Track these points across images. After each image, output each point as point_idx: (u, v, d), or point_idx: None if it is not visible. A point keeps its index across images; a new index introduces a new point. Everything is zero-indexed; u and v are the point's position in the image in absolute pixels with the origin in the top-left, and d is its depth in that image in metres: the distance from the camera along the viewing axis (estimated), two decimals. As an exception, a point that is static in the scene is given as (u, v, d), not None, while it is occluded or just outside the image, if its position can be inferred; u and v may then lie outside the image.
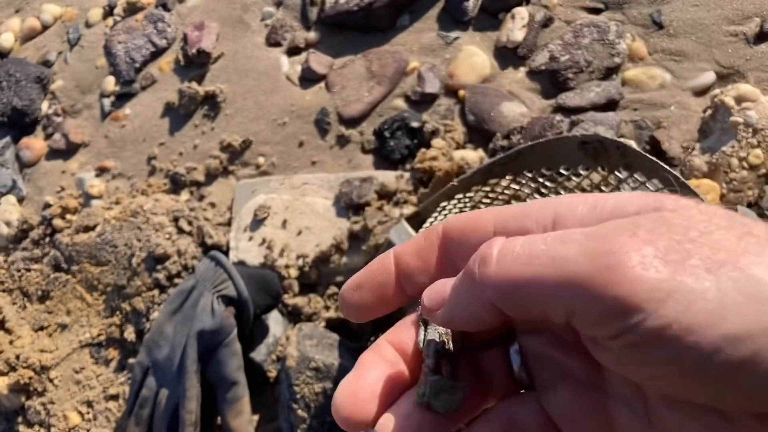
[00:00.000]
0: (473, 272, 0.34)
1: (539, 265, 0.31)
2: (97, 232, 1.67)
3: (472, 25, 1.64)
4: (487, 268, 0.33)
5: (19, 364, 1.61)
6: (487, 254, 0.33)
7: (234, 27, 1.88)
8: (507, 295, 0.32)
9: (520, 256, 0.32)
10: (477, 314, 0.35)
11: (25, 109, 1.98)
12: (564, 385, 0.36)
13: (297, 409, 1.27)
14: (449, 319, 0.36)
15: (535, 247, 0.32)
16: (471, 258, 0.35)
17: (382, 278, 0.42)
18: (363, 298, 0.42)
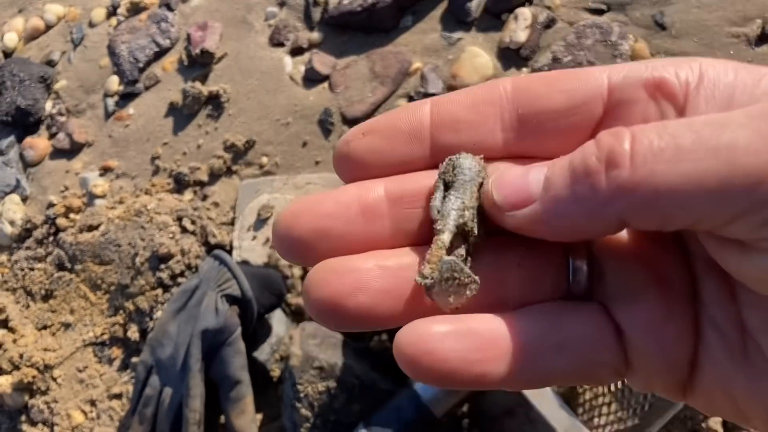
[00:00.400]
0: (595, 175, 0.27)
1: (695, 160, 0.25)
2: (100, 232, 1.67)
3: (475, 25, 1.64)
4: (619, 171, 0.26)
5: (23, 362, 1.61)
6: (617, 150, 0.27)
7: (237, 27, 1.89)
8: (645, 206, 0.26)
9: (663, 151, 0.26)
10: (586, 227, 0.29)
11: (29, 109, 1.99)
12: (649, 294, 0.32)
13: (300, 408, 1.28)
14: (536, 227, 0.30)
15: (682, 135, 0.26)
16: (584, 151, 0.28)
17: (407, 126, 0.35)
18: (372, 145, 0.35)
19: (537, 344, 0.32)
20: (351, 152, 0.35)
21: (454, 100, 0.35)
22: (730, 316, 0.31)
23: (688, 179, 0.25)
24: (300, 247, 0.33)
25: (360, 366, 1.29)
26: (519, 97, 0.34)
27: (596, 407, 1.17)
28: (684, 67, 0.31)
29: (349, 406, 1.26)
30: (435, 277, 0.32)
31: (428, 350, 0.30)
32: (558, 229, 0.29)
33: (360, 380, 1.27)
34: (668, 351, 0.32)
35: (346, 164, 0.36)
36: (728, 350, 0.31)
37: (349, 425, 1.26)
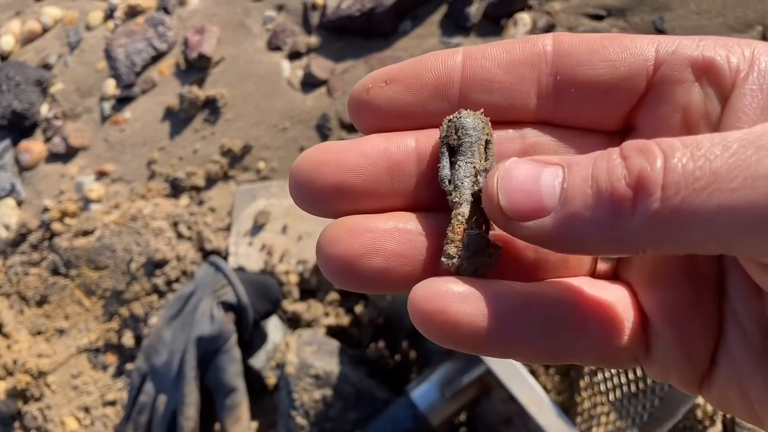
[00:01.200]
0: (623, 202, 0.25)
1: (731, 190, 0.23)
2: (96, 237, 1.66)
3: (474, 30, 1.63)
4: (651, 201, 0.24)
5: (17, 368, 1.60)
6: (648, 176, 0.24)
7: (235, 31, 1.88)
8: (675, 238, 0.24)
9: (697, 179, 0.23)
10: (603, 251, 0.27)
11: (24, 113, 1.97)
12: (680, 281, 0.31)
13: (296, 417, 1.27)
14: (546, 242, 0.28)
15: (718, 158, 0.23)
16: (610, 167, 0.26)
17: (435, 79, 0.32)
18: (395, 96, 0.33)
19: (556, 319, 0.30)
20: (371, 101, 0.33)
21: (489, 56, 0.32)
22: (755, 312, 0.30)
23: (724, 210, 0.23)
24: (319, 200, 0.32)
25: (356, 374, 1.28)
26: (560, 60, 0.32)
27: (595, 417, 1.16)
28: (736, 51, 0.30)
29: (345, 414, 1.25)
30: (462, 254, 0.31)
31: (442, 309, 0.29)
32: (571, 248, 0.28)
33: (356, 388, 1.26)
34: (691, 343, 0.31)
35: (364, 112, 0.33)
36: (749, 348, 0.30)
37: (344, 434, 1.25)
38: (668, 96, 0.31)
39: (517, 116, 0.33)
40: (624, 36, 0.32)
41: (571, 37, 0.32)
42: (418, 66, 0.33)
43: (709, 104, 0.30)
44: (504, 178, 0.28)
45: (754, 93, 0.28)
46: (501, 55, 0.32)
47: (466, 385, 1.16)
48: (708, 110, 0.30)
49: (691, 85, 0.30)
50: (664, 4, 1.49)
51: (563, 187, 0.27)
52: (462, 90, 0.32)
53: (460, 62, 0.32)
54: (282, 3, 1.86)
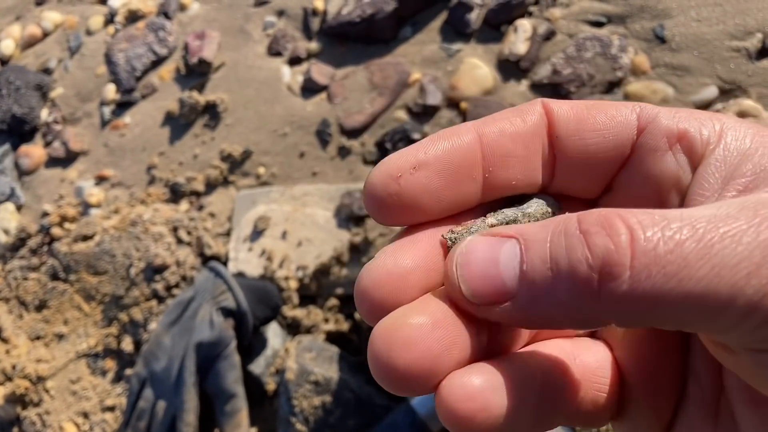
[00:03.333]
0: (587, 284, 0.25)
1: (699, 279, 0.23)
2: (95, 242, 1.66)
3: (474, 37, 1.64)
4: (617, 284, 0.24)
5: (16, 374, 1.59)
6: (614, 260, 0.24)
7: (235, 36, 1.88)
8: (640, 316, 0.25)
9: (670, 263, 0.24)
10: (569, 326, 0.27)
11: (24, 117, 1.97)
12: (648, 339, 0.32)
13: (296, 423, 1.26)
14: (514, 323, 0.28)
15: (688, 242, 0.24)
16: (570, 246, 0.25)
17: (462, 160, 0.32)
18: (428, 183, 0.31)
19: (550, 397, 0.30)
20: (404, 192, 0.31)
21: (501, 131, 0.32)
22: (710, 371, 0.31)
23: (692, 297, 0.24)
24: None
25: (356, 380, 1.28)
26: (552, 131, 0.33)
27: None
28: (708, 124, 0.31)
29: (345, 421, 1.25)
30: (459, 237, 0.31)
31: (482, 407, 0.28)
32: (540, 326, 0.28)
33: (356, 395, 1.26)
34: (660, 400, 0.32)
35: (395, 204, 0.31)
36: (703, 405, 0.31)
37: (344, 441, 1.25)
38: (644, 163, 0.32)
39: (529, 189, 0.34)
40: (608, 103, 0.33)
41: (558, 105, 0.33)
42: (445, 149, 0.32)
43: (681, 173, 0.31)
44: (462, 265, 0.28)
45: (719, 164, 0.30)
46: (509, 127, 0.33)
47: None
48: (680, 178, 0.31)
49: (665, 153, 0.32)
50: (664, 12, 1.49)
51: (522, 269, 0.27)
52: (485, 169, 0.32)
53: (478, 140, 0.32)
54: (282, 8, 1.86)
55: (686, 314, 0.24)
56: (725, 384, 0.30)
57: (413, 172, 0.31)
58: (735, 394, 0.30)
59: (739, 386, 0.29)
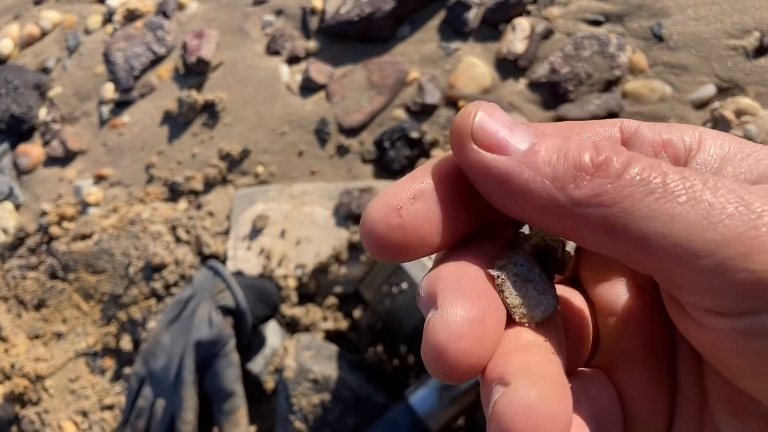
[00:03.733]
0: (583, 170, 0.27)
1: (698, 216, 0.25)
2: (94, 240, 1.66)
3: (472, 36, 1.64)
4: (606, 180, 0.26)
5: (14, 372, 1.59)
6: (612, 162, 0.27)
7: (234, 35, 1.88)
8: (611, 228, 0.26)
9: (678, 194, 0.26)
10: (541, 212, 0.28)
11: (23, 116, 1.97)
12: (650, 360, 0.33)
13: (294, 421, 1.26)
14: (494, 180, 0.28)
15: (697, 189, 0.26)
16: (581, 146, 0.28)
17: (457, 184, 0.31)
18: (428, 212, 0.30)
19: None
20: (406, 223, 0.30)
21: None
22: (695, 384, 0.31)
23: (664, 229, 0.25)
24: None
25: (355, 378, 1.28)
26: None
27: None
28: (688, 132, 0.32)
29: (344, 419, 1.25)
30: (509, 268, 0.31)
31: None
32: (514, 194, 0.28)
33: (355, 393, 1.26)
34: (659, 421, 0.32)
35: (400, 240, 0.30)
36: (691, 422, 0.31)
37: (343, 439, 1.25)
38: None
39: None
40: (590, 122, 0.34)
41: (544, 125, 0.33)
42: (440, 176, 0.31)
43: None
44: (486, 114, 0.29)
45: (701, 168, 0.31)
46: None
47: (464, 390, 1.16)
48: None
49: None
50: (662, 11, 1.49)
51: (532, 141, 0.29)
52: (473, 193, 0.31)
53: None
54: (281, 8, 1.86)
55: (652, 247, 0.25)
56: (708, 397, 0.31)
57: (413, 202, 0.30)
58: (718, 406, 0.30)
59: (722, 397, 0.30)
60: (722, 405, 0.30)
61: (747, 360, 0.26)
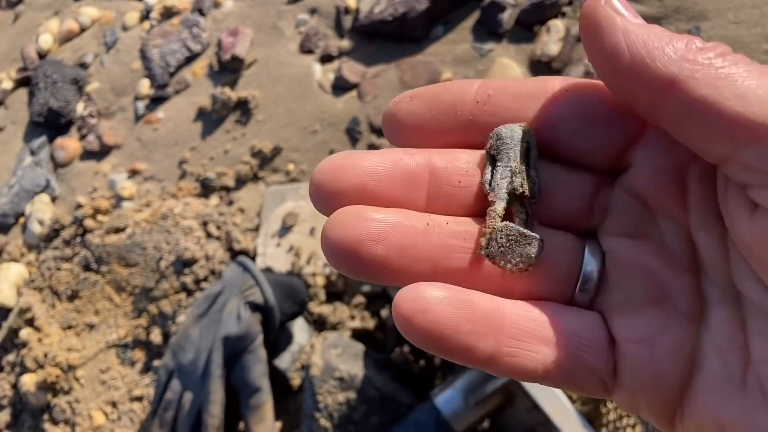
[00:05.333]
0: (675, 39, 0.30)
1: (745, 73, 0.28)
2: (127, 234, 1.68)
3: (506, 37, 1.63)
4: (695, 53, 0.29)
5: (47, 361, 1.62)
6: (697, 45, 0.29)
7: (268, 33, 1.89)
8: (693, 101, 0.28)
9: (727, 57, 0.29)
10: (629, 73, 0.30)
11: (60, 110, 2.01)
12: (648, 308, 0.33)
13: (320, 419, 1.27)
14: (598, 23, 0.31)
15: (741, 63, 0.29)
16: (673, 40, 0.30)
17: (450, 99, 0.36)
18: (415, 109, 0.36)
19: (528, 331, 0.33)
20: (396, 112, 0.36)
21: (501, 86, 0.36)
22: (737, 344, 0.31)
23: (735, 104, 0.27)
24: (339, 200, 0.34)
25: (380, 378, 1.28)
26: (564, 96, 0.35)
27: (620, 429, 1.15)
28: None
29: (369, 418, 1.25)
30: (493, 245, 0.33)
31: (423, 309, 0.31)
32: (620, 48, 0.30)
33: (380, 392, 1.26)
34: (659, 367, 0.32)
35: (392, 124, 0.36)
36: (727, 379, 0.31)
37: (367, 437, 1.25)
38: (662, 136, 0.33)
39: None
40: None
41: (575, 82, 0.35)
42: (439, 87, 0.36)
43: None
44: None
45: None
46: (512, 87, 0.35)
47: (490, 392, 1.16)
48: None
49: None
50: (701, 14, 1.47)
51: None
52: (472, 111, 0.35)
53: (476, 89, 0.36)
54: (315, 6, 1.87)
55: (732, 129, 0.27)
56: (753, 356, 0.30)
57: (409, 100, 0.36)
58: (763, 365, 0.30)
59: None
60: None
61: None
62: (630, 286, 0.34)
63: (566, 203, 0.36)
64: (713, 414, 0.31)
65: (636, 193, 0.34)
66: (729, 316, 0.31)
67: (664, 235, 0.34)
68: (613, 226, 0.35)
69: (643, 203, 0.34)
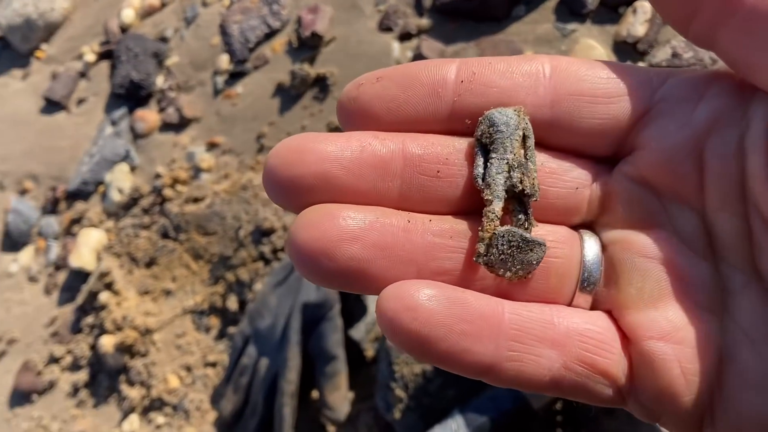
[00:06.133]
0: None
1: None
2: (206, 204, 1.72)
3: (590, 17, 1.61)
4: None
5: (126, 324, 1.67)
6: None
7: (347, 11, 1.91)
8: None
9: None
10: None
11: (141, 83, 2.06)
12: (670, 302, 0.30)
13: (395, 389, 1.28)
14: None
15: None
16: None
17: (429, 79, 0.31)
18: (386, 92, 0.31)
19: (532, 332, 0.29)
20: (360, 96, 0.31)
21: (485, 63, 0.31)
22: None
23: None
24: (297, 191, 0.30)
25: (457, 352, 1.28)
26: (558, 74, 0.31)
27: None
28: None
29: (444, 390, 1.26)
30: (493, 252, 0.30)
31: (410, 307, 0.28)
32: None
33: (457, 366, 1.26)
34: (684, 365, 0.29)
35: (353, 110, 0.32)
36: (766, 373, 0.28)
37: (442, 410, 1.26)
38: (674, 114, 0.30)
39: None
40: (629, 64, 0.32)
41: (568, 59, 0.32)
42: (413, 67, 0.31)
43: None
44: None
45: None
46: (499, 64, 0.31)
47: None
48: None
49: (698, 102, 0.30)
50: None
51: None
52: (456, 91, 0.31)
53: (456, 67, 0.31)
54: (394, -15, 1.88)
55: None
56: None
57: (375, 82, 0.31)
58: None
59: None
60: None
61: None
62: (643, 280, 0.30)
63: (560, 196, 0.32)
64: (755, 412, 0.28)
65: (641, 179, 0.31)
66: (756, 305, 0.28)
67: (675, 222, 0.31)
68: (615, 217, 0.32)
69: (649, 190, 0.31)
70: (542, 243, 0.30)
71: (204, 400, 1.57)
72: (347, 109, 0.32)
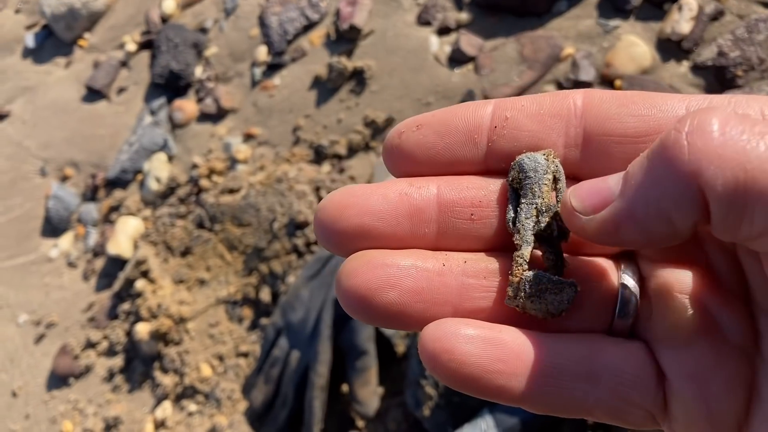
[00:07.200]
0: (675, 146, 0.26)
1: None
2: (241, 195, 1.73)
3: (633, 14, 1.57)
4: (706, 137, 0.25)
5: (161, 312, 1.69)
6: (705, 120, 0.26)
7: (386, 4, 1.90)
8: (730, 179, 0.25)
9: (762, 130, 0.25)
10: (670, 213, 0.27)
11: (180, 73, 2.08)
12: (700, 340, 0.30)
13: (425, 386, 1.28)
14: (619, 227, 0.28)
15: None
16: (669, 128, 0.27)
17: (464, 126, 0.34)
18: (424, 139, 0.34)
19: (566, 369, 0.31)
20: (402, 144, 0.34)
21: (518, 106, 0.33)
22: None
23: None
24: (341, 241, 0.33)
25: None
26: (589, 114, 0.32)
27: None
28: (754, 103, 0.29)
29: (475, 389, 1.25)
30: (521, 296, 0.31)
31: (448, 349, 0.30)
32: (642, 223, 0.28)
33: (488, 365, 1.25)
34: (714, 403, 0.30)
35: (396, 156, 0.34)
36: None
37: (472, 409, 1.25)
38: None
39: None
40: (655, 94, 0.32)
41: (601, 94, 0.32)
42: (450, 113, 0.34)
43: None
44: (576, 187, 0.30)
45: None
46: (531, 106, 0.33)
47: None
48: None
49: None
50: None
51: (626, 171, 0.29)
52: (490, 137, 0.33)
53: (491, 112, 0.33)
54: (434, -22, 1.86)
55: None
56: None
57: (415, 129, 0.34)
58: None
59: None
60: None
61: None
62: (676, 316, 0.31)
63: None
64: None
65: None
66: None
67: (711, 261, 0.31)
68: (654, 251, 0.33)
69: None
70: (572, 284, 0.32)
71: (235, 389, 1.58)
72: (392, 156, 0.35)
